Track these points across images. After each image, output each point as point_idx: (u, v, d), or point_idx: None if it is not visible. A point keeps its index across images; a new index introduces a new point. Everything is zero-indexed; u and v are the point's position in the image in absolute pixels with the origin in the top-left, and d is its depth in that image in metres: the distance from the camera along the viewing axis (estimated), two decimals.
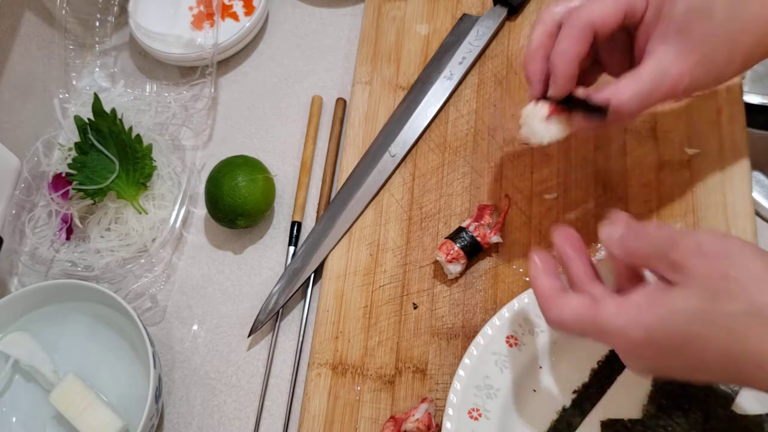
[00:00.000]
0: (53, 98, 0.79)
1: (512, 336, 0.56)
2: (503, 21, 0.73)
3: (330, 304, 0.65)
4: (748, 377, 0.40)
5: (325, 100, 0.79)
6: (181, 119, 0.79)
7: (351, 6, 0.84)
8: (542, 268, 0.46)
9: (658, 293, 0.41)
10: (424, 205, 0.67)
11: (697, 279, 0.39)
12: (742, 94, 0.63)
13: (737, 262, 0.39)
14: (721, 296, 0.39)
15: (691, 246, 0.40)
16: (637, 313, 0.41)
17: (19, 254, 0.73)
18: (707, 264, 0.39)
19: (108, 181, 0.70)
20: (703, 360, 0.40)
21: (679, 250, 0.40)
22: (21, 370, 0.67)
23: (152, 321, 0.71)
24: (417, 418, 0.55)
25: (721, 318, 0.39)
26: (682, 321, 0.40)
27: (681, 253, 0.40)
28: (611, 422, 0.54)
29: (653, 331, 0.40)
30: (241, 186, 0.68)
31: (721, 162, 0.61)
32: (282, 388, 0.66)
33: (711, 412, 0.52)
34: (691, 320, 0.39)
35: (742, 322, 0.38)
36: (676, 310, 0.40)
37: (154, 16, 0.83)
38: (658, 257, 0.42)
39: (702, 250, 0.40)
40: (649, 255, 0.42)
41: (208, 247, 0.74)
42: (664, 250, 0.41)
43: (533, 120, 0.51)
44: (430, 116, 0.70)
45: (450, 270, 0.61)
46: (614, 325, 0.42)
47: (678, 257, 0.40)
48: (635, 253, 0.43)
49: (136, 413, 0.60)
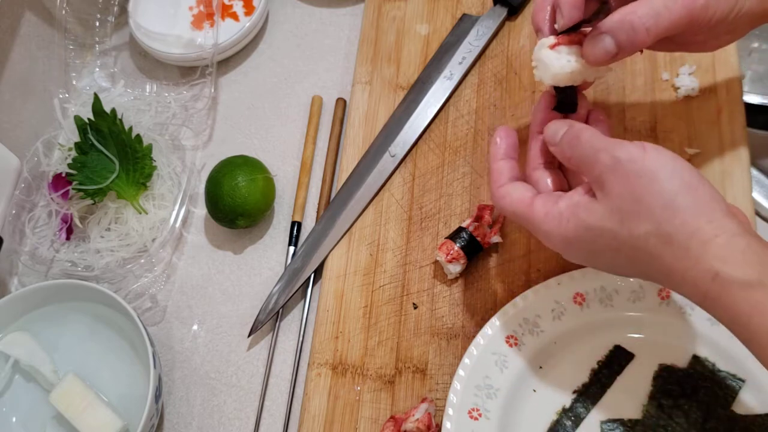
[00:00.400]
0: (53, 98, 0.79)
1: (512, 336, 0.56)
2: (503, 21, 0.73)
3: (330, 304, 0.65)
4: (659, 283, 0.44)
5: (325, 100, 0.79)
6: (181, 119, 0.79)
7: (351, 6, 0.84)
8: (503, 150, 0.51)
9: (580, 207, 0.45)
10: (424, 205, 0.67)
11: (610, 198, 0.43)
12: (742, 94, 0.63)
13: (650, 186, 0.41)
14: (631, 218, 0.42)
15: (609, 163, 0.43)
16: (558, 223, 0.45)
17: (19, 254, 0.73)
18: (621, 184, 0.42)
19: (108, 181, 0.70)
20: (615, 265, 0.45)
21: (599, 166, 0.43)
22: (21, 370, 0.67)
23: (152, 321, 0.71)
24: (417, 418, 0.56)
25: (629, 238, 0.42)
26: (595, 236, 0.44)
27: (600, 169, 0.43)
28: (611, 422, 0.54)
29: (572, 239, 0.45)
30: (241, 186, 0.68)
31: (721, 162, 0.61)
32: (282, 388, 0.66)
33: (711, 412, 0.52)
34: (602, 236, 0.44)
35: (647, 242, 0.42)
36: (591, 227, 0.44)
37: (154, 16, 0.83)
38: (586, 168, 0.45)
39: (618, 169, 0.42)
40: (579, 165, 0.46)
41: (208, 247, 0.74)
42: (590, 163, 0.44)
43: (541, 50, 0.49)
44: (430, 116, 0.70)
45: (450, 270, 0.61)
46: (541, 229, 0.47)
47: (598, 172, 0.43)
48: (569, 160, 0.47)
49: (136, 413, 0.60)
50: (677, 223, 0.41)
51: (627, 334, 0.56)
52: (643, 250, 0.42)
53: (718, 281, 0.40)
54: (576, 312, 0.56)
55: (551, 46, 0.49)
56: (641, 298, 0.55)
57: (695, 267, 0.40)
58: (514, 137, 0.51)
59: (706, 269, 0.40)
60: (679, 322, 0.54)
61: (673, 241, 0.41)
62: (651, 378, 0.54)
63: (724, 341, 0.53)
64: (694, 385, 0.53)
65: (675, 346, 0.54)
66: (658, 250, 0.41)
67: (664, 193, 0.41)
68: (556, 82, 0.50)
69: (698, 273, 0.40)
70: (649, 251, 0.42)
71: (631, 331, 0.56)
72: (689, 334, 0.54)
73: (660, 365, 0.54)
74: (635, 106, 0.65)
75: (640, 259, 0.43)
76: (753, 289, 0.39)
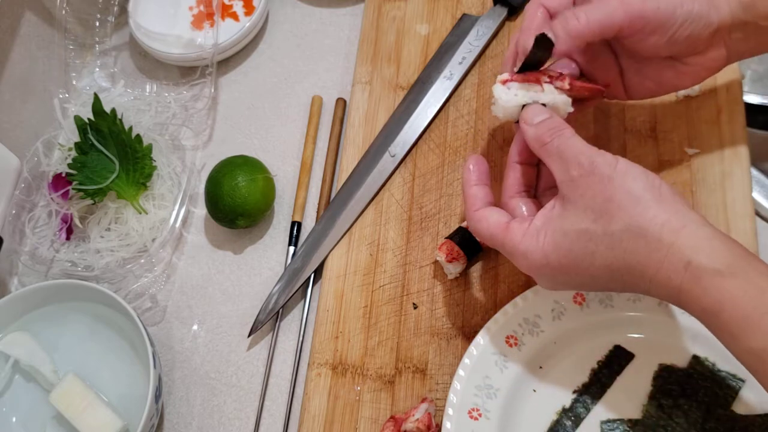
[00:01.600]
0: (53, 98, 0.79)
1: (512, 336, 0.56)
2: (503, 21, 0.73)
3: (330, 304, 0.65)
4: (633, 287, 0.45)
5: (325, 100, 0.79)
6: (181, 119, 0.79)
7: (351, 6, 0.84)
8: (476, 176, 0.52)
9: (554, 217, 0.46)
10: (424, 205, 0.67)
11: (584, 199, 0.45)
12: (742, 94, 0.63)
13: (621, 186, 0.44)
14: (604, 217, 0.44)
15: (587, 166, 0.45)
16: (537, 239, 0.47)
17: (19, 254, 0.73)
18: (595, 186, 0.44)
19: (108, 181, 0.70)
20: (592, 275, 0.45)
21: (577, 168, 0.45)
22: (21, 370, 0.67)
23: (152, 321, 0.71)
24: (417, 418, 0.56)
25: (603, 237, 0.44)
26: (572, 241, 0.45)
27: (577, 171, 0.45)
28: (611, 422, 0.54)
29: (550, 254, 0.46)
30: (241, 186, 0.68)
31: (721, 162, 0.61)
32: (282, 388, 0.66)
33: (711, 412, 0.52)
34: (578, 240, 0.45)
35: (621, 239, 0.43)
36: (567, 231, 0.45)
37: (154, 16, 0.83)
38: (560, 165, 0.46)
39: (595, 172, 0.44)
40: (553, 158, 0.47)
41: (208, 247, 0.74)
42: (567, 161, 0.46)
43: (495, 86, 0.52)
44: (430, 116, 0.70)
45: (450, 270, 0.61)
46: (519, 250, 0.47)
47: (575, 174, 0.45)
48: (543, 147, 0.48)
49: (136, 413, 0.60)
50: (649, 216, 0.43)
51: (627, 334, 0.56)
52: (618, 248, 0.43)
53: (690, 270, 0.41)
54: (576, 312, 0.56)
55: (503, 81, 0.52)
56: (641, 298, 0.55)
57: (668, 258, 0.42)
58: (486, 165, 0.53)
59: (679, 258, 0.42)
60: (679, 322, 0.54)
61: (646, 233, 0.43)
62: (651, 378, 0.54)
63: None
64: (694, 385, 0.53)
65: (675, 346, 0.54)
66: (632, 244, 0.43)
67: (633, 192, 0.44)
68: (506, 118, 0.52)
69: (671, 264, 0.42)
70: (623, 247, 0.43)
71: (631, 331, 0.56)
72: (689, 334, 0.54)
73: (660, 365, 0.54)
74: (635, 106, 0.65)
75: (616, 259, 0.44)
76: (723, 278, 0.40)
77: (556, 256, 0.46)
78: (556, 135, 0.47)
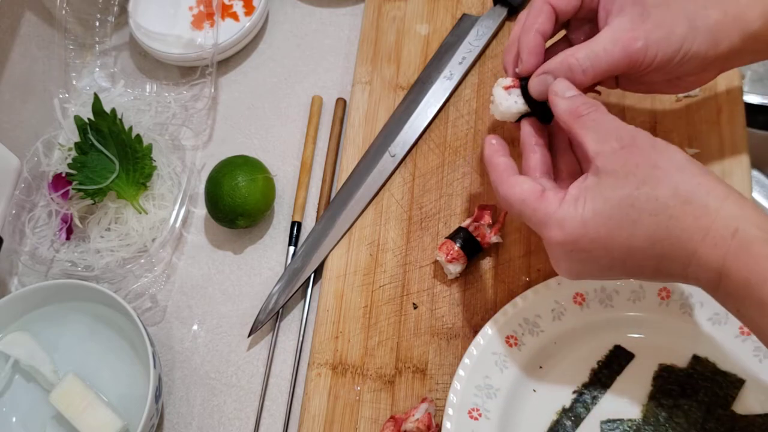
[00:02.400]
0: (53, 98, 0.79)
1: (512, 336, 0.56)
2: (503, 21, 0.73)
3: (330, 304, 0.65)
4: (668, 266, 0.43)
5: (325, 100, 0.79)
6: (181, 119, 0.79)
7: (351, 6, 0.84)
8: (502, 149, 0.51)
9: (592, 185, 0.44)
10: (424, 205, 0.67)
11: (627, 167, 0.43)
12: (742, 94, 0.63)
13: (664, 155, 0.43)
14: (648, 183, 0.43)
15: (627, 139, 0.44)
16: (575, 206, 0.44)
17: (19, 254, 0.73)
18: (638, 155, 0.43)
19: (108, 181, 0.70)
20: (629, 248, 0.43)
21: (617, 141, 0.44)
22: (21, 370, 0.67)
23: (152, 321, 0.71)
24: (417, 418, 0.56)
25: (648, 202, 0.42)
26: (613, 207, 0.43)
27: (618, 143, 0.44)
28: (611, 422, 0.54)
29: (588, 221, 0.44)
30: (241, 186, 0.68)
31: (721, 162, 0.61)
32: (282, 388, 0.66)
33: (711, 412, 0.52)
34: (620, 206, 0.43)
35: (666, 204, 0.42)
36: (608, 197, 0.43)
37: (154, 16, 0.83)
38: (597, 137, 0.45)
39: (637, 143, 0.44)
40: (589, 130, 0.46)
41: (208, 247, 0.74)
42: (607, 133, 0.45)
43: (496, 89, 0.53)
44: (430, 116, 0.70)
45: (450, 270, 0.61)
46: (554, 218, 0.45)
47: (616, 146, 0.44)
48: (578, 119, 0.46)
49: (136, 413, 0.60)
50: (695, 182, 0.42)
51: (627, 334, 0.56)
52: (663, 214, 0.42)
53: (737, 238, 0.41)
54: (576, 312, 0.56)
55: (505, 87, 0.52)
56: (641, 298, 0.55)
57: (715, 224, 0.41)
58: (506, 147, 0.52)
59: (726, 225, 0.41)
60: (679, 322, 0.54)
61: (692, 199, 0.42)
62: (651, 378, 0.54)
63: (724, 341, 0.53)
64: (694, 385, 0.53)
65: (675, 346, 0.54)
66: (678, 210, 0.42)
67: (678, 161, 0.43)
68: (503, 119, 0.53)
69: (718, 230, 0.41)
70: (669, 214, 0.42)
71: (631, 331, 0.56)
72: (689, 334, 0.54)
73: (660, 365, 0.54)
74: (635, 106, 0.65)
75: (659, 227, 0.42)
76: None
77: (594, 224, 0.44)
78: (593, 108, 0.46)
